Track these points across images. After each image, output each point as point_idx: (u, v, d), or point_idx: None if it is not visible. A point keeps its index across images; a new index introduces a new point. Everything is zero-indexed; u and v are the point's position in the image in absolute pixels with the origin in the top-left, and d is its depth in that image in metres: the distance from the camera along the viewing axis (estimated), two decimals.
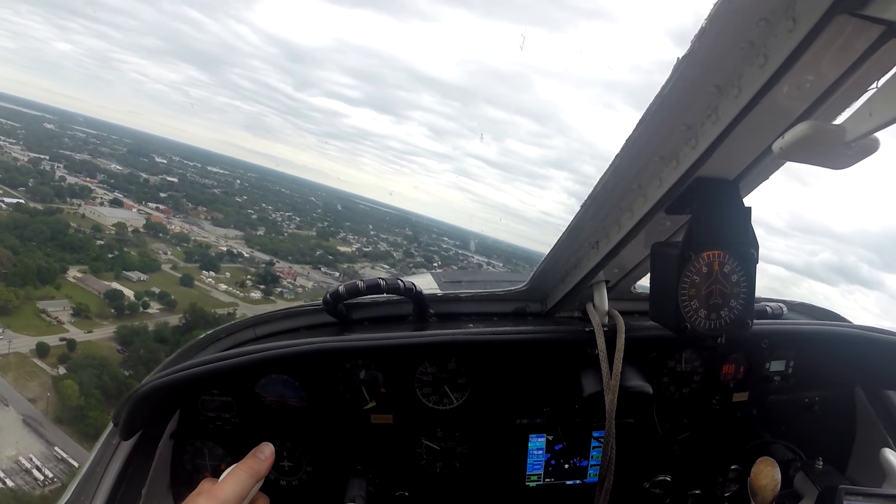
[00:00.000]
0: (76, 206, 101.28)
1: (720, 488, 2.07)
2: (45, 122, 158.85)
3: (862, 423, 2.11)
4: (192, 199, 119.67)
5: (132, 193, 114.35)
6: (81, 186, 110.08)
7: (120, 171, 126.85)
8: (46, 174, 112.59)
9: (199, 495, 1.21)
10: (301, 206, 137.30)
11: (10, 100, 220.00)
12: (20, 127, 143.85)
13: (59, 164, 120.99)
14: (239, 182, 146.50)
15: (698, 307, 1.31)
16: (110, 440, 1.64)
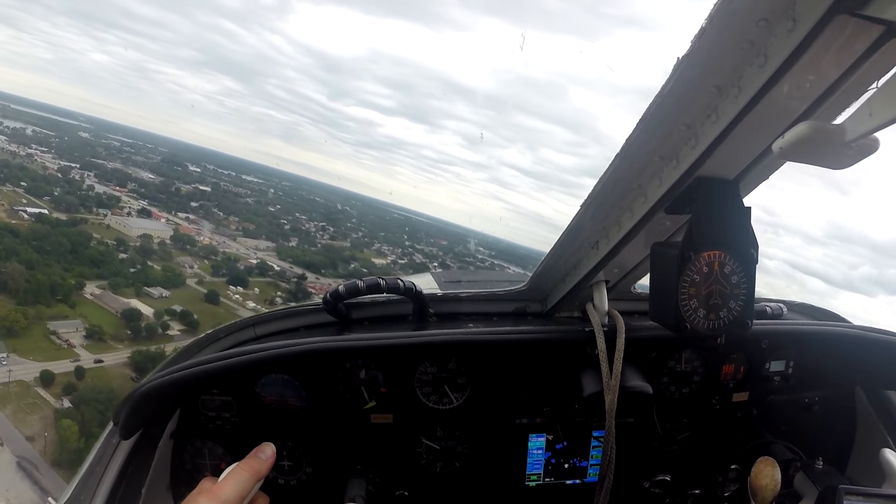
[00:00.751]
0: (102, 216, 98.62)
1: (720, 488, 2.07)
2: (81, 131, 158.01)
3: (862, 423, 2.11)
4: (223, 208, 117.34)
5: (162, 203, 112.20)
6: (110, 196, 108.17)
7: (151, 180, 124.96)
8: (75, 183, 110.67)
9: (199, 494, 1.21)
10: (335, 215, 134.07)
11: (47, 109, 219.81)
12: (55, 136, 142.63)
13: (89, 172, 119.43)
14: (272, 191, 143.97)
15: (698, 307, 1.31)
16: (110, 439, 1.64)
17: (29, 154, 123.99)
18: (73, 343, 59.03)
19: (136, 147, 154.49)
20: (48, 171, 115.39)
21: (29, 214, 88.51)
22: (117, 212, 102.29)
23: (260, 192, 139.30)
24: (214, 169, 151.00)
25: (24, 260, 69.70)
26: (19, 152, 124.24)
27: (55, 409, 46.45)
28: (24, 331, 57.81)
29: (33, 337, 58.02)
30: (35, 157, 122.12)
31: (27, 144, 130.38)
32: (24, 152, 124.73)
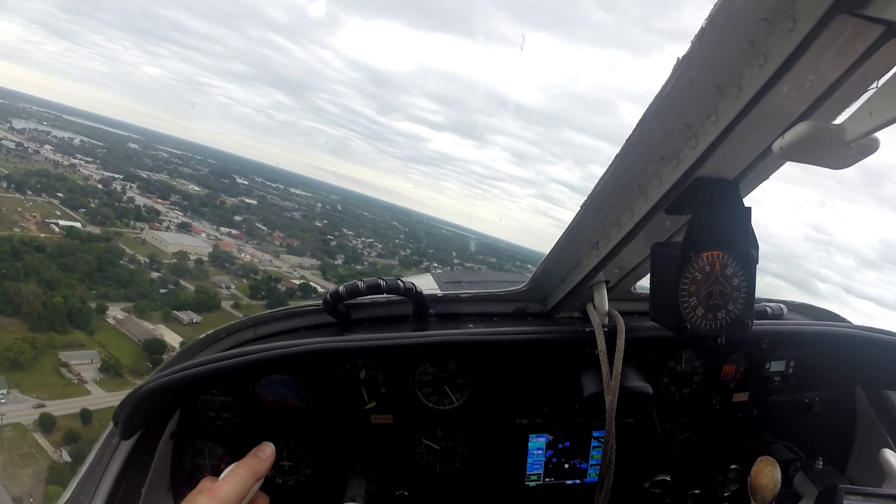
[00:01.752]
0: (139, 230, 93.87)
1: (720, 488, 2.07)
2: (130, 142, 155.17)
3: (862, 424, 2.11)
4: (268, 223, 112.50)
5: (204, 217, 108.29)
6: (150, 209, 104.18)
7: (196, 193, 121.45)
8: (115, 195, 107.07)
9: (199, 493, 1.21)
10: (383, 231, 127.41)
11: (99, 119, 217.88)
12: (103, 146, 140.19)
13: (132, 184, 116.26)
14: (320, 206, 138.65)
15: (698, 307, 1.31)
16: (110, 440, 1.64)
17: (72, 164, 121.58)
18: (85, 378, 50.99)
19: (185, 159, 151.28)
20: (89, 181, 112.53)
21: (60, 227, 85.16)
22: (156, 226, 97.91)
23: (307, 206, 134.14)
24: (262, 182, 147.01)
25: (45, 279, 63.44)
26: (63, 162, 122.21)
27: (51, 463, 38.36)
28: (30, 363, 50.17)
29: (41, 370, 50.31)
30: (78, 168, 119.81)
31: (72, 154, 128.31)
32: (67, 162, 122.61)
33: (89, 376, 51.38)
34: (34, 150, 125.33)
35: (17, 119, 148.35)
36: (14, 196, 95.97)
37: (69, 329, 57.44)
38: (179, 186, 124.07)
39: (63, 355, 52.61)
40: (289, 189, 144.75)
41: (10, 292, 57.91)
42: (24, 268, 64.81)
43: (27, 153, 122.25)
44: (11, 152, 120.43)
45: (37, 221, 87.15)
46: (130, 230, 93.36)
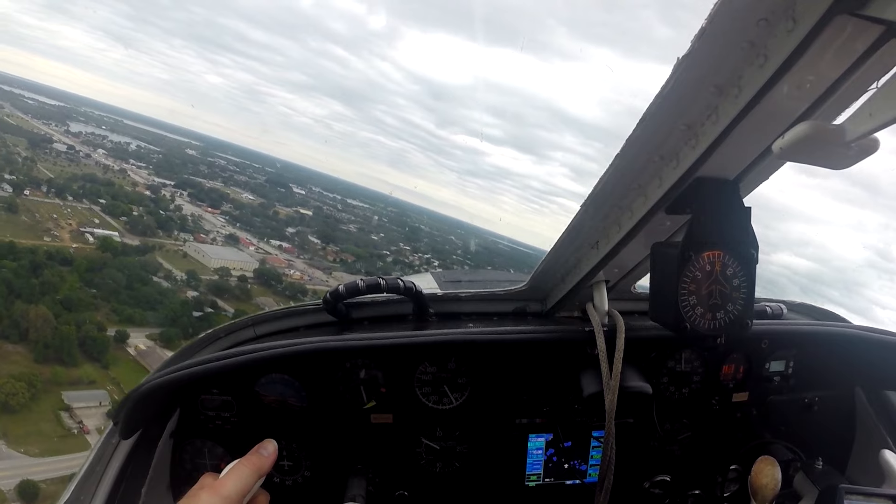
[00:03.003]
0: (181, 241, 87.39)
1: (720, 488, 2.07)
2: (189, 149, 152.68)
3: (862, 424, 2.11)
4: (322, 235, 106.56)
5: (255, 229, 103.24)
6: (198, 219, 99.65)
7: (250, 202, 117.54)
8: (162, 202, 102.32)
9: (201, 490, 1.21)
10: (440, 246, 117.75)
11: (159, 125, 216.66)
12: (159, 151, 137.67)
13: (182, 191, 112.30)
14: (377, 218, 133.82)
15: (698, 307, 1.31)
16: (110, 439, 1.64)
17: (122, 169, 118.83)
18: (87, 427, 41.86)
19: (242, 167, 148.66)
20: (137, 188, 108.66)
21: (95, 237, 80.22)
22: (201, 237, 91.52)
23: (364, 218, 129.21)
24: (320, 192, 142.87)
25: (64, 298, 57.70)
26: (113, 167, 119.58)
27: None
28: (25, 406, 41.50)
29: (37, 415, 41.72)
30: (128, 173, 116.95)
31: (125, 159, 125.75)
32: (118, 167, 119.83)
33: (93, 424, 42.05)
34: (85, 153, 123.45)
35: (76, 122, 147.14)
36: (53, 201, 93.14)
37: (80, 361, 50.36)
38: (233, 195, 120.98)
39: (66, 396, 44.44)
40: (346, 199, 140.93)
41: (18, 315, 52.04)
42: (41, 285, 59.86)
43: (77, 157, 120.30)
44: (61, 155, 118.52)
45: (71, 230, 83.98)
46: (172, 241, 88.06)
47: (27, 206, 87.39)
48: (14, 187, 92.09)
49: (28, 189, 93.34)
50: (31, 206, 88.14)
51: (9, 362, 47.75)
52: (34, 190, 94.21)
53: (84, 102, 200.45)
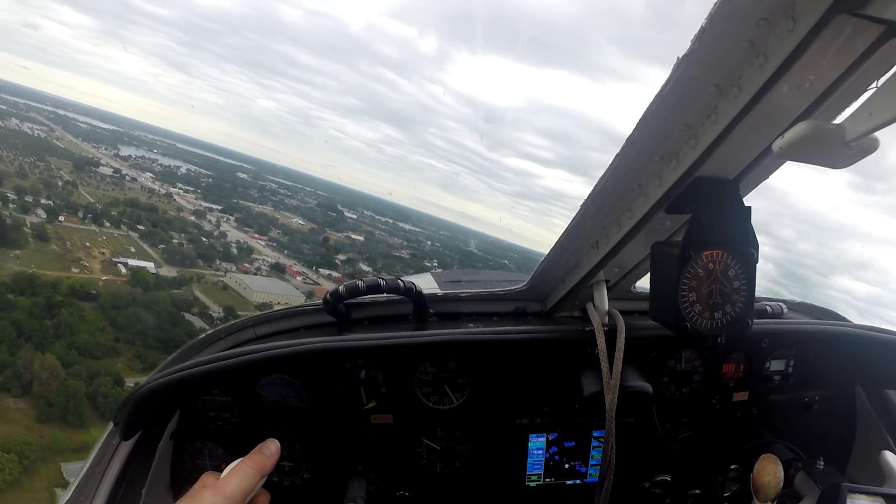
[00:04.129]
0: (223, 272, 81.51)
1: (720, 488, 2.07)
2: (240, 172, 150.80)
3: (862, 423, 2.11)
4: (373, 262, 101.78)
5: (303, 255, 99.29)
6: (243, 246, 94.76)
7: (300, 227, 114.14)
8: (205, 230, 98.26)
9: (203, 489, 1.20)
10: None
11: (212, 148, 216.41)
12: (210, 175, 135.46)
13: (229, 216, 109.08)
14: (430, 243, 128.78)
15: (698, 306, 1.31)
16: (110, 440, 1.64)
17: (168, 193, 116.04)
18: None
19: (294, 190, 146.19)
20: (181, 213, 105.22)
21: (128, 268, 75.94)
22: (244, 267, 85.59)
23: (417, 242, 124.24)
24: (371, 215, 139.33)
25: (79, 342, 51.33)
26: (159, 191, 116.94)
27: None
28: (16, 482, 33.97)
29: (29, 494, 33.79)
30: (174, 197, 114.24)
31: (172, 183, 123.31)
32: (164, 191, 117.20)
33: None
34: (132, 177, 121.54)
35: (127, 146, 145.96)
36: (88, 228, 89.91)
37: (88, 421, 42.29)
38: (282, 220, 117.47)
39: (66, 469, 36.12)
40: (398, 223, 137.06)
41: (22, 365, 45.45)
42: (56, 327, 53.84)
43: (122, 180, 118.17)
44: (105, 179, 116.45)
45: (104, 259, 79.88)
46: (213, 272, 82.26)
47: (60, 233, 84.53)
48: (49, 212, 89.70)
49: (63, 214, 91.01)
50: (64, 232, 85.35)
51: (6, 421, 41.04)
52: (70, 215, 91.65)
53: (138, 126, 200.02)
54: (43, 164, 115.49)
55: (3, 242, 75.28)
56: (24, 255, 74.31)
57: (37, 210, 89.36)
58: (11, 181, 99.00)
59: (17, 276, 63.68)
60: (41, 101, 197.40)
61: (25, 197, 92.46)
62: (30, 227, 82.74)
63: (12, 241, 76.68)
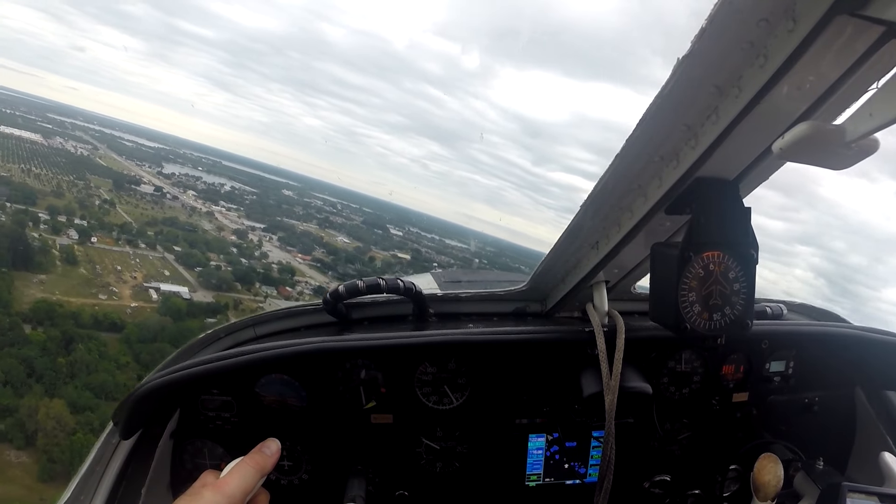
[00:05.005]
0: (262, 296, 75.25)
1: (720, 488, 2.07)
2: (286, 189, 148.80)
3: (862, 424, 2.11)
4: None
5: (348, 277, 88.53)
6: (285, 267, 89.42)
7: (345, 246, 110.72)
8: (247, 249, 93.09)
9: (203, 487, 1.20)
10: None
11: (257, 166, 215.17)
12: (254, 192, 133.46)
13: (272, 235, 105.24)
14: (477, 262, 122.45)
15: (698, 307, 1.31)
16: (110, 439, 1.64)
17: (210, 212, 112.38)
18: None
19: (339, 207, 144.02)
20: (222, 232, 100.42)
21: (160, 293, 70.02)
22: (286, 290, 79.20)
23: (464, 260, 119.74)
24: (417, 232, 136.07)
25: (95, 383, 45.52)
26: (201, 209, 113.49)
27: None
28: None
29: None
30: (215, 216, 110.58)
31: (215, 201, 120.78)
32: (206, 209, 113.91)
33: None
34: (173, 196, 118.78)
35: (171, 164, 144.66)
36: (122, 249, 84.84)
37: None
38: (327, 238, 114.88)
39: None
40: (444, 240, 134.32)
41: (25, 414, 40.23)
42: (70, 365, 48.05)
43: (163, 199, 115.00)
44: (145, 198, 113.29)
45: (135, 284, 74.53)
46: (251, 297, 76.53)
47: (90, 255, 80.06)
48: (81, 233, 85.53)
49: (97, 235, 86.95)
50: (96, 255, 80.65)
51: (5, 479, 35.97)
52: (103, 236, 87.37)
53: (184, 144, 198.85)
54: (82, 183, 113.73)
55: (27, 266, 70.99)
56: (49, 281, 70.13)
57: (69, 231, 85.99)
58: (46, 200, 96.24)
59: (36, 304, 59.98)
60: (88, 121, 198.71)
61: (58, 217, 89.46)
62: (58, 250, 78.94)
63: (38, 265, 72.36)
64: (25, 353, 48.36)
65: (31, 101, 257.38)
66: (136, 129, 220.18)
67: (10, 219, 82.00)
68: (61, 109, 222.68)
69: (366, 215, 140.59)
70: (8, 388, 43.97)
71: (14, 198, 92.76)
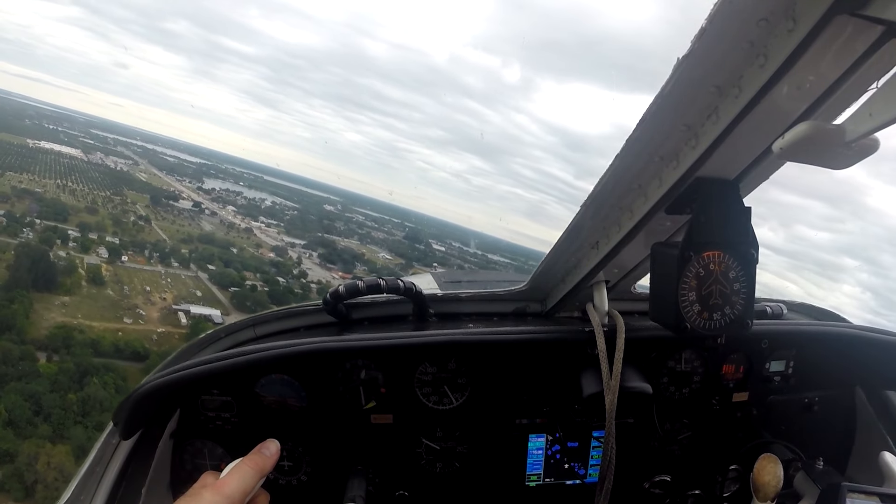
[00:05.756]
0: None
1: (720, 488, 2.07)
2: (327, 204, 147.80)
3: (862, 424, 2.11)
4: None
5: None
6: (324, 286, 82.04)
7: (386, 263, 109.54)
8: (285, 266, 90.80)
9: (203, 488, 1.20)
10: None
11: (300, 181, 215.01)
12: (295, 208, 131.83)
13: (312, 252, 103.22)
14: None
15: (698, 307, 1.31)
16: (110, 440, 1.64)
17: (249, 228, 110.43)
18: None
19: (381, 222, 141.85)
20: (260, 249, 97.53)
21: (189, 317, 67.00)
22: None
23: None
24: (460, 247, 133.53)
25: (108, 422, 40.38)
26: (240, 225, 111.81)
27: None
28: None
29: None
30: (254, 232, 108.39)
31: (254, 217, 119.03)
32: (245, 225, 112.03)
33: None
34: (211, 211, 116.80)
35: (212, 179, 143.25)
36: (152, 269, 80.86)
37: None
38: (368, 255, 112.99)
39: None
40: (487, 255, 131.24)
41: (24, 463, 36.57)
42: (82, 402, 43.73)
43: (201, 214, 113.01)
44: (182, 214, 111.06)
45: (163, 307, 70.96)
46: None
47: (119, 275, 76.42)
48: (111, 251, 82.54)
49: (128, 253, 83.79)
50: (125, 275, 77.01)
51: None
52: (135, 254, 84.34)
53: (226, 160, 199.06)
54: (119, 198, 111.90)
55: (50, 287, 67.16)
56: (72, 303, 66.82)
57: (98, 249, 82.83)
58: (79, 217, 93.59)
59: (54, 330, 56.19)
60: (131, 136, 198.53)
61: (89, 234, 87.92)
62: (85, 269, 76.02)
63: (61, 286, 68.32)
64: (33, 389, 44.12)
65: (74, 117, 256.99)
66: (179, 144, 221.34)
67: (38, 236, 78.87)
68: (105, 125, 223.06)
69: (407, 230, 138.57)
70: (9, 429, 40.11)
71: (45, 214, 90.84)
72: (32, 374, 47.21)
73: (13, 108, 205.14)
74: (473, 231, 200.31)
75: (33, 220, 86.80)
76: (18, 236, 78.89)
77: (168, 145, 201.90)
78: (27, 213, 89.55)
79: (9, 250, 70.52)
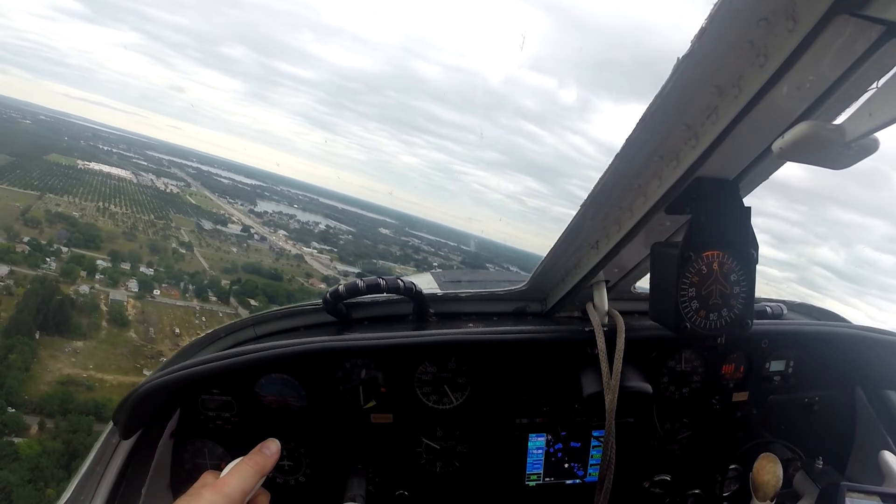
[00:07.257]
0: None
1: (720, 488, 2.07)
2: (382, 227, 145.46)
3: (862, 423, 2.11)
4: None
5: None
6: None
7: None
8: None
9: (203, 488, 1.20)
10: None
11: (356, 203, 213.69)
12: (350, 231, 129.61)
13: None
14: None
15: (698, 307, 1.31)
16: (110, 439, 1.64)
17: (299, 255, 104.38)
18: None
19: (437, 245, 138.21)
20: (311, 280, 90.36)
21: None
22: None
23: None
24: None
25: None
26: (290, 251, 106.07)
27: None
28: None
29: None
30: (305, 259, 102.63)
31: (307, 242, 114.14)
32: (295, 251, 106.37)
33: None
34: (261, 236, 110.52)
35: (266, 201, 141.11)
36: (186, 304, 72.75)
37: None
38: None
39: None
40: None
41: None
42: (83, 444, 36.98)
43: (249, 240, 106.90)
44: (229, 239, 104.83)
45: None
46: None
47: (147, 313, 68.70)
48: (142, 285, 74.71)
49: (161, 287, 75.72)
50: (153, 312, 69.41)
51: None
52: (168, 288, 76.17)
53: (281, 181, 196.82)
54: (162, 223, 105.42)
55: (62, 330, 56.99)
56: (85, 349, 57.40)
57: (128, 282, 75.35)
58: (115, 243, 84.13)
59: (53, 390, 46.58)
60: (187, 158, 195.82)
61: (121, 264, 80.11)
62: (108, 307, 67.35)
63: (75, 329, 57.95)
64: (4, 478, 33.39)
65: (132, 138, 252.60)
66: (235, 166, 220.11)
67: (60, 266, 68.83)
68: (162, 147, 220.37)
69: (465, 254, 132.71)
70: None
71: (74, 241, 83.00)
72: (8, 457, 37.21)
73: (72, 130, 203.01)
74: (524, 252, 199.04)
75: (59, 249, 79.74)
76: (40, 267, 71.09)
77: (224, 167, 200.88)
78: (54, 240, 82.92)
79: (25, 284, 62.16)
